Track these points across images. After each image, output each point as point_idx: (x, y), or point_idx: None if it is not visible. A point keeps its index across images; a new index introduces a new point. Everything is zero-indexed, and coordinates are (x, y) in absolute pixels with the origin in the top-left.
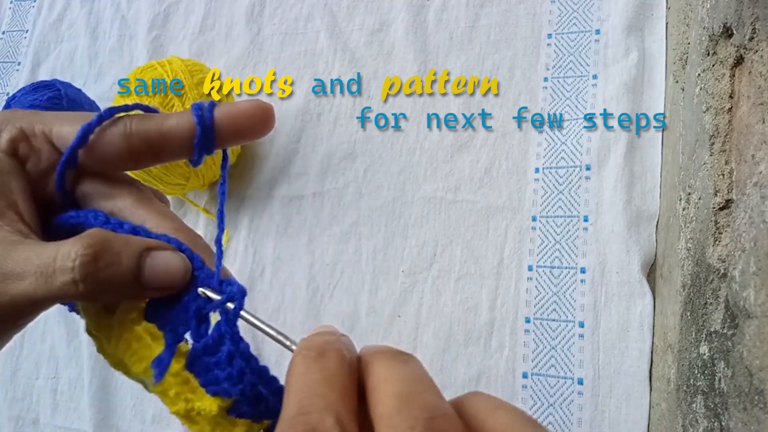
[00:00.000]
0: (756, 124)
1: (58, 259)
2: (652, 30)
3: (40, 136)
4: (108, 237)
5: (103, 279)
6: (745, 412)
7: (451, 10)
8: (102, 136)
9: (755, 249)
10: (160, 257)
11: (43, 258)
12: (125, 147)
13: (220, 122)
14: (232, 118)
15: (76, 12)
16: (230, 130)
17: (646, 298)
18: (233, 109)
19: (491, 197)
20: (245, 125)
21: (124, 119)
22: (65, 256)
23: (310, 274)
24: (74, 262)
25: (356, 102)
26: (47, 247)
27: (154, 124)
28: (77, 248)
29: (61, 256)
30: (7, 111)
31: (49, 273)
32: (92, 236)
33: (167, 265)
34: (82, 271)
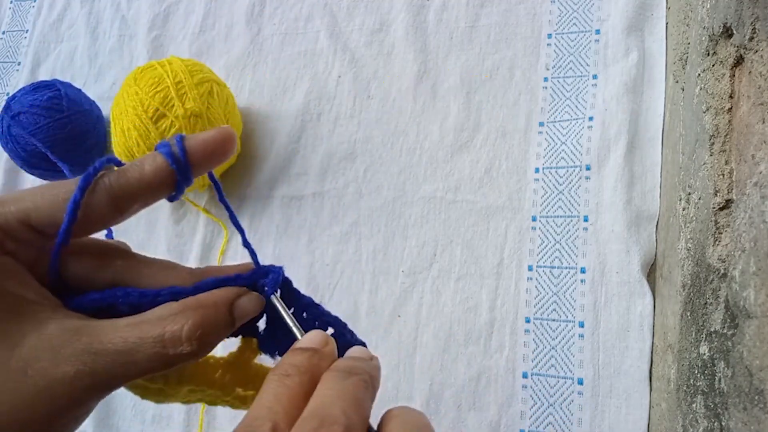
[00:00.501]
0: (756, 124)
1: (167, 337)
2: (652, 30)
3: (19, 226)
4: (201, 304)
5: (211, 341)
6: (745, 412)
7: (451, 10)
8: (87, 203)
9: (755, 249)
10: (243, 303)
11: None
12: (113, 206)
13: (193, 155)
14: (201, 148)
15: (76, 12)
16: (202, 160)
17: (646, 298)
18: (200, 139)
19: (491, 197)
20: (214, 152)
21: (102, 180)
22: (173, 332)
23: (310, 274)
24: (185, 339)
25: (356, 102)
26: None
27: (134, 176)
28: (181, 325)
29: (170, 335)
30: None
31: (159, 350)
32: (187, 308)
33: (249, 307)
34: (192, 346)
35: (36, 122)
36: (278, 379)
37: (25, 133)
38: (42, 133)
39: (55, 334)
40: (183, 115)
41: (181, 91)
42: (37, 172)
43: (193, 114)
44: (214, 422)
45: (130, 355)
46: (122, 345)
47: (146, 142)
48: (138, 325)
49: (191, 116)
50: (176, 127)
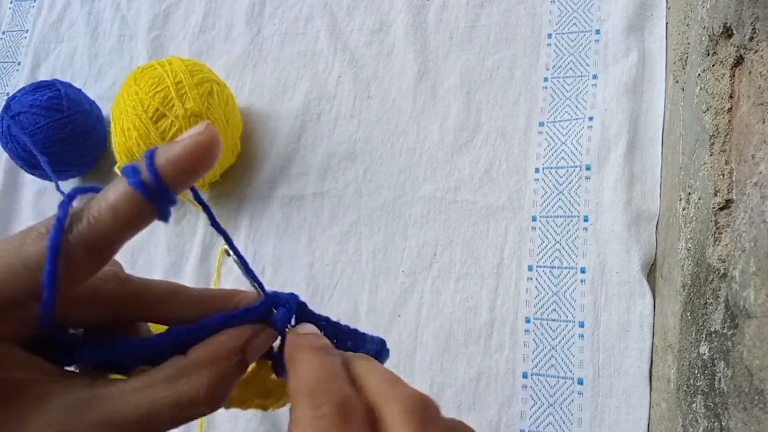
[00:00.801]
0: (756, 124)
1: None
2: (652, 30)
3: None
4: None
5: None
6: (745, 412)
7: (451, 10)
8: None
9: (755, 249)
10: (257, 345)
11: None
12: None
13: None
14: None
15: (76, 12)
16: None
17: (646, 298)
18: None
19: (491, 197)
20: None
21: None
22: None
23: (310, 274)
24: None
25: (356, 102)
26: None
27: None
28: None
29: (187, 399)
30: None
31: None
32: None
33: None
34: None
35: (36, 122)
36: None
37: (25, 133)
38: (42, 133)
39: (61, 412)
40: (183, 115)
41: (181, 91)
42: (37, 172)
43: (193, 114)
44: (214, 422)
45: (147, 422)
46: (136, 414)
47: (146, 142)
48: (149, 390)
49: (191, 116)
50: (176, 127)
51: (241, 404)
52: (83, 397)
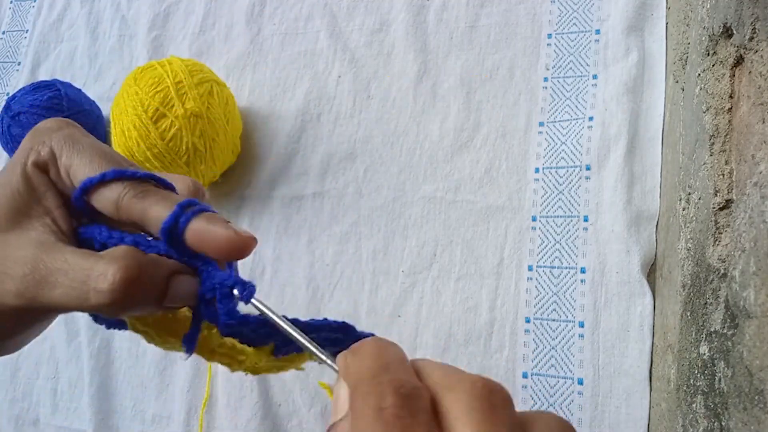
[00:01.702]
0: (756, 124)
1: (92, 279)
2: (652, 30)
3: (63, 169)
4: (140, 262)
5: (133, 302)
6: (745, 412)
7: (451, 10)
8: (99, 194)
9: (755, 249)
10: (182, 282)
11: (78, 273)
12: (114, 213)
13: (189, 239)
14: (200, 241)
15: (76, 12)
16: (196, 247)
17: (646, 298)
18: (207, 235)
19: (491, 197)
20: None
21: (121, 188)
22: (101, 277)
23: (310, 274)
24: (110, 286)
25: (356, 102)
26: (81, 259)
27: (140, 209)
28: (112, 271)
29: (95, 276)
30: (53, 126)
31: (83, 290)
32: (126, 259)
33: (186, 289)
34: (115, 295)
35: (36, 122)
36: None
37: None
38: None
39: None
40: (183, 115)
41: (181, 91)
42: None
43: (193, 114)
44: (214, 422)
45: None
46: (52, 277)
47: (146, 142)
48: (83, 257)
49: (191, 116)
50: (176, 127)
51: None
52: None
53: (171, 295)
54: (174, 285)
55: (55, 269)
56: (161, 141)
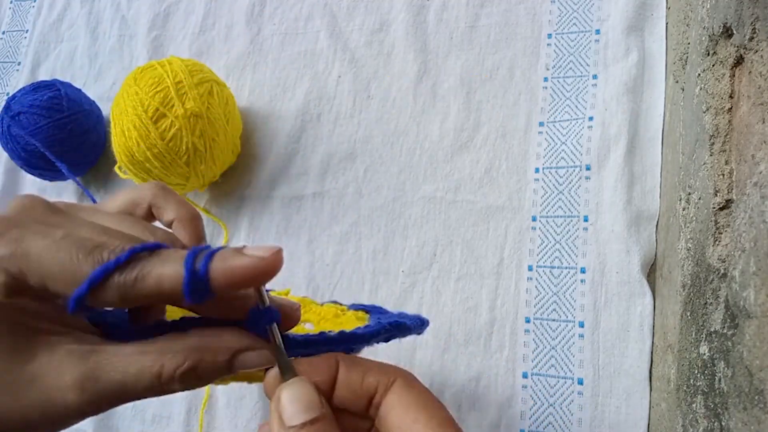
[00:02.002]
0: (756, 124)
1: (164, 375)
2: (652, 30)
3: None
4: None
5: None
6: (745, 412)
7: (451, 10)
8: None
9: (755, 249)
10: (248, 358)
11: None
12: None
13: (216, 279)
14: (230, 280)
15: (76, 12)
16: (227, 286)
17: (646, 298)
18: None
19: (491, 197)
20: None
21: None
22: (169, 372)
23: (310, 274)
24: (179, 376)
25: (356, 102)
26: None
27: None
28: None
29: (166, 374)
30: None
31: (155, 384)
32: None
33: (254, 364)
34: (185, 383)
35: (36, 122)
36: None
37: (25, 133)
38: (42, 134)
39: (63, 356)
40: (183, 115)
41: (181, 91)
42: (37, 173)
43: (193, 114)
44: (214, 422)
45: (128, 384)
46: (122, 375)
47: (146, 142)
48: (140, 356)
49: (191, 116)
50: (176, 127)
51: None
52: (84, 351)
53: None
54: (240, 362)
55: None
56: (161, 141)
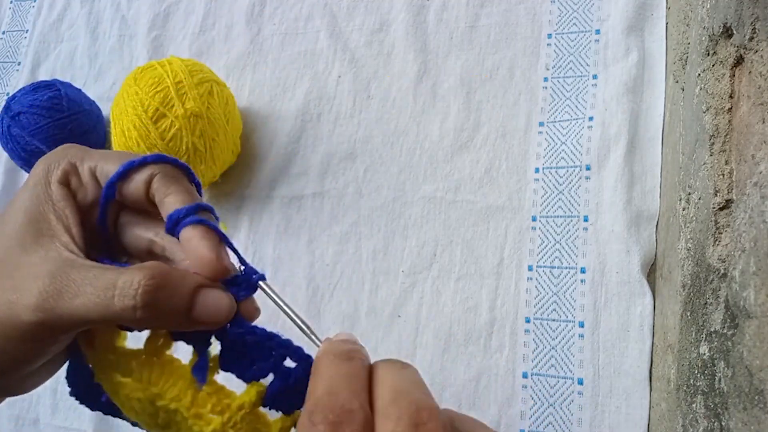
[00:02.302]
0: (756, 124)
1: (119, 285)
2: (652, 30)
3: (87, 171)
4: (168, 270)
5: (160, 309)
6: (745, 412)
7: (451, 10)
8: (130, 180)
9: (755, 249)
10: (211, 295)
11: (102, 281)
12: (142, 194)
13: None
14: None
15: (76, 12)
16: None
17: (646, 298)
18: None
19: (491, 197)
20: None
21: (153, 168)
22: (127, 283)
23: (310, 274)
24: (136, 291)
25: (356, 102)
26: (106, 271)
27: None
28: (140, 277)
29: (122, 282)
30: (63, 147)
31: (108, 296)
32: (153, 268)
33: (216, 303)
34: (143, 299)
35: (36, 122)
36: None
37: (25, 133)
38: (42, 134)
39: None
40: (183, 115)
41: (181, 91)
42: None
43: (193, 114)
44: None
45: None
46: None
47: (146, 142)
48: (107, 269)
49: (191, 116)
50: (176, 127)
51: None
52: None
53: (199, 308)
54: (203, 297)
55: (78, 279)
56: (161, 141)
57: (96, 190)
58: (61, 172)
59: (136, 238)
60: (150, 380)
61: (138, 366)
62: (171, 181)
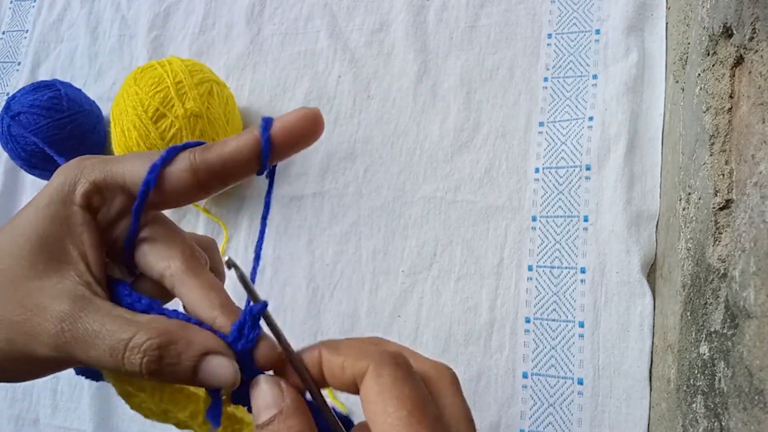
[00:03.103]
0: (756, 124)
1: (128, 348)
2: (652, 30)
3: (113, 185)
4: (174, 335)
5: (165, 375)
6: (745, 412)
7: (451, 10)
8: (170, 174)
9: (755, 249)
10: (215, 363)
11: (111, 340)
12: (194, 180)
13: (276, 137)
14: (286, 131)
15: (76, 12)
16: (286, 143)
17: (646, 298)
18: (286, 121)
19: (491, 197)
20: (299, 135)
21: (185, 154)
22: (134, 348)
23: (310, 274)
24: (141, 359)
25: (356, 102)
26: (116, 326)
27: (215, 153)
28: (146, 343)
29: (131, 346)
30: (79, 161)
31: (117, 357)
32: (161, 333)
33: (219, 372)
34: (148, 368)
35: (36, 122)
36: None
37: (26, 133)
38: (42, 134)
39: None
40: (183, 115)
41: (181, 91)
42: (37, 172)
43: (193, 114)
44: None
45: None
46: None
47: (146, 142)
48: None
49: (191, 116)
50: (176, 127)
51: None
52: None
53: (202, 376)
54: (205, 365)
55: (92, 332)
56: (161, 141)
57: (121, 200)
58: (82, 194)
59: (148, 267)
60: (162, 399)
61: (150, 387)
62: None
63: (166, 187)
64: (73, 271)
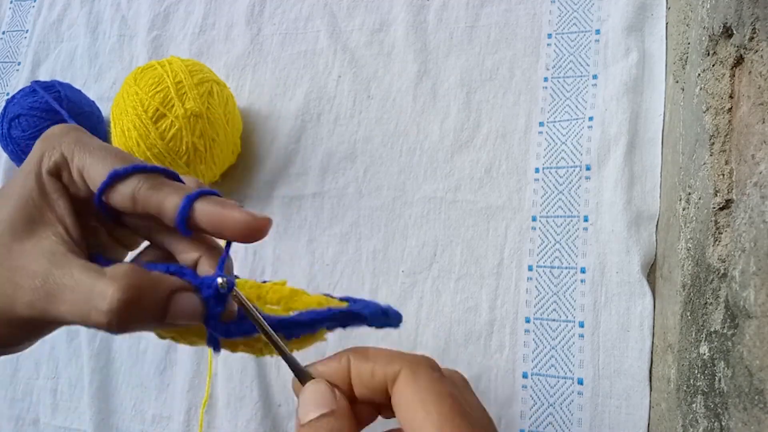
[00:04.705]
0: (756, 124)
1: (94, 298)
2: (652, 30)
3: (76, 171)
4: (140, 281)
5: (131, 321)
6: (745, 412)
7: (451, 10)
8: (115, 191)
9: (755, 249)
10: (182, 300)
11: (80, 292)
12: (130, 207)
13: (204, 223)
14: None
15: (76, 12)
16: (212, 230)
17: (646, 298)
18: (223, 218)
19: (491, 197)
20: (230, 233)
21: (136, 182)
22: (101, 296)
23: (310, 274)
24: (108, 306)
25: (356, 102)
26: (86, 276)
27: (156, 200)
28: (111, 291)
29: (97, 295)
30: (62, 130)
31: (84, 309)
32: (126, 278)
33: (187, 306)
34: (113, 316)
35: (36, 124)
36: None
37: (25, 135)
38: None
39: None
40: (183, 115)
41: (181, 91)
42: None
43: (193, 114)
44: (214, 422)
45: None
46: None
47: (146, 142)
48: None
49: (191, 116)
50: (176, 127)
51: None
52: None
53: (172, 313)
54: (175, 303)
55: (63, 285)
56: (161, 141)
57: (86, 189)
58: (52, 165)
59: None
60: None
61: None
62: (157, 187)
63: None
64: (50, 231)
